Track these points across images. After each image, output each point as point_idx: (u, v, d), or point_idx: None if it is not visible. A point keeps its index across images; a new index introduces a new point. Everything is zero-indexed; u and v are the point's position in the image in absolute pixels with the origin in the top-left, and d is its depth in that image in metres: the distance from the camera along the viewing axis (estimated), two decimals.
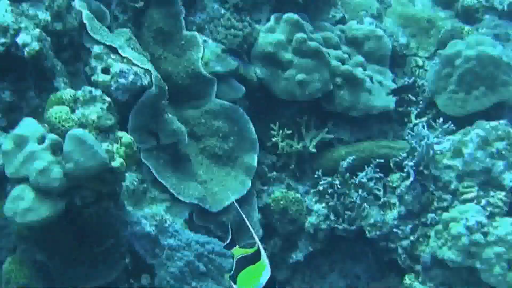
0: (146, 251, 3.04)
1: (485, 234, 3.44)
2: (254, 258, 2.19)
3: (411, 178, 3.76)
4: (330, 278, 4.22)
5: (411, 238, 3.81)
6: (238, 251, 2.29)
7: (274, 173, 4.09)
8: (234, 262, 2.26)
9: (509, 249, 3.40)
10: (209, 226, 3.61)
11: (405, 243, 3.84)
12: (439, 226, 3.62)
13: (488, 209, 3.57)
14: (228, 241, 2.34)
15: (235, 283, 2.24)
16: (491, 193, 3.63)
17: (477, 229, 3.44)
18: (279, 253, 4.07)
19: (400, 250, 3.86)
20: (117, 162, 2.59)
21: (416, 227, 3.83)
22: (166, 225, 3.15)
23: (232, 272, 2.25)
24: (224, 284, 3.22)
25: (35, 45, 2.94)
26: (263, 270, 2.14)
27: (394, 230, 3.84)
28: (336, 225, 3.92)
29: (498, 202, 3.58)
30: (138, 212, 3.23)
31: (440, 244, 3.57)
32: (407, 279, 3.81)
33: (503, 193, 3.62)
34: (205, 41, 3.89)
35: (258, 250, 2.18)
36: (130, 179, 3.39)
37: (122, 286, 2.97)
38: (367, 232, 3.87)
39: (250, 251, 2.23)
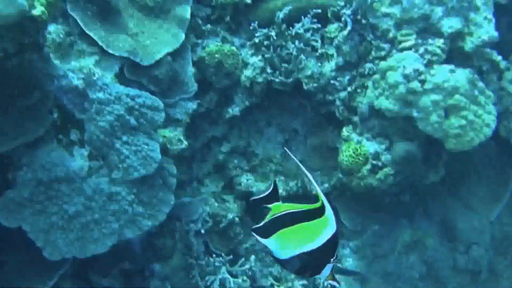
0: (74, 105, 3.02)
1: (422, 82, 3.50)
2: (309, 214, 2.09)
3: (349, 28, 3.77)
4: (267, 133, 4.28)
5: (349, 89, 3.86)
6: (278, 207, 2.16)
7: (209, 25, 4.04)
8: (272, 217, 2.13)
9: (446, 97, 3.47)
10: (141, 80, 3.59)
11: (342, 94, 3.89)
12: (377, 76, 3.67)
13: (426, 57, 3.62)
14: (268, 194, 2.19)
15: (265, 237, 2.11)
16: (430, 41, 3.67)
17: (414, 77, 3.50)
18: (215, 108, 4.09)
19: (337, 102, 3.92)
20: (38, 10, 2.51)
21: (354, 77, 3.87)
22: (95, 78, 3.12)
23: (263, 225, 2.13)
24: (156, 139, 3.24)
25: None
26: (324, 227, 2.05)
27: (332, 81, 3.88)
28: (272, 78, 3.92)
29: (436, 50, 3.63)
30: (65, 66, 3.19)
31: (377, 94, 3.64)
32: (344, 131, 3.89)
33: (442, 41, 3.67)
34: None
35: (319, 208, 2.07)
36: (56, 31, 3.33)
37: (51, 141, 2.97)
38: (304, 84, 3.89)
39: (300, 207, 2.12)
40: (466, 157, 4.16)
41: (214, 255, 3.86)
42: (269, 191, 2.19)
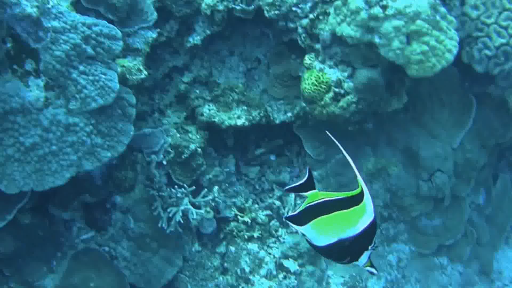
0: (28, 34, 2.97)
1: (384, 8, 3.48)
2: (346, 202, 2.12)
3: None
4: (230, 63, 4.26)
5: (311, 16, 3.82)
6: (315, 195, 2.17)
7: None
8: (307, 205, 2.15)
9: (408, 22, 3.46)
10: (98, 9, 3.54)
11: (304, 21, 3.85)
12: (338, 2, 3.63)
13: None
14: (303, 182, 2.20)
15: (301, 225, 2.14)
16: None
17: (376, 2, 3.47)
18: (175, 37, 4.05)
19: (299, 30, 3.89)
20: None
21: (316, 4, 3.83)
22: (49, 6, 3.06)
23: (298, 213, 2.15)
24: (113, 68, 3.20)
25: None
26: (362, 215, 2.08)
27: (294, 8, 3.83)
28: (233, 5, 3.87)
29: None
30: None
31: (339, 21, 3.61)
32: (307, 59, 3.87)
33: None
34: None
35: (357, 195, 2.11)
36: None
37: (5, 72, 2.93)
38: (265, 11, 3.84)
39: (337, 194, 2.14)
40: (429, 84, 4.18)
41: (176, 186, 3.88)
42: (305, 179, 2.21)
